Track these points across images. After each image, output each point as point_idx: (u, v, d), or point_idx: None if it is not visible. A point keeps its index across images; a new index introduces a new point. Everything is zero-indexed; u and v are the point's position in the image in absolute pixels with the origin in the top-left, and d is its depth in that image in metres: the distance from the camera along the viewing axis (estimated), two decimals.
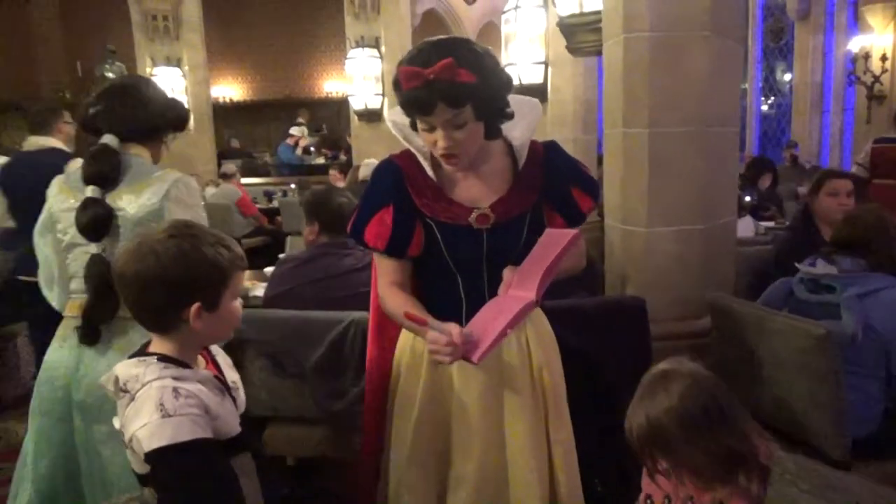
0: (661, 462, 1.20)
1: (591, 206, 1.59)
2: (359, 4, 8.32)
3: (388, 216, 1.46)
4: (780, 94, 11.16)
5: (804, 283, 2.15)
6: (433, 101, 1.30)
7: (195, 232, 1.22)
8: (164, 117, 1.83)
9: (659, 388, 1.19)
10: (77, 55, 12.71)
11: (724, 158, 2.59)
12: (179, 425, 1.11)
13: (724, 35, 2.47)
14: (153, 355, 1.21)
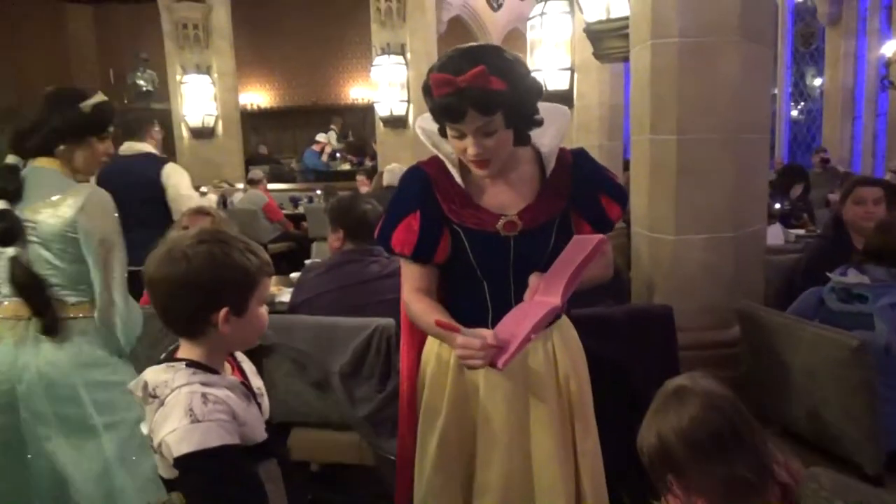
0: (672, 482, 1.17)
1: (619, 214, 1.58)
2: (385, 12, 8.38)
3: (416, 222, 1.46)
4: (811, 99, 10.98)
5: (835, 293, 2.11)
6: (464, 108, 1.31)
7: (224, 238, 1.23)
8: (57, 131, 1.90)
9: (671, 406, 1.17)
10: (110, 63, 12.98)
11: (754, 165, 2.55)
12: (208, 431, 1.12)
13: (754, 40, 2.44)
14: (182, 361, 1.22)
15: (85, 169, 2.01)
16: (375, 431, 2.16)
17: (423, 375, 1.61)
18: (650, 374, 2.18)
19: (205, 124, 9.21)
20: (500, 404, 1.50)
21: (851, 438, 1.85)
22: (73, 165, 1.95)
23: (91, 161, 2.01)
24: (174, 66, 9.11)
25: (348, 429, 2.27)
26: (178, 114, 9.24)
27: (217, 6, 9.01)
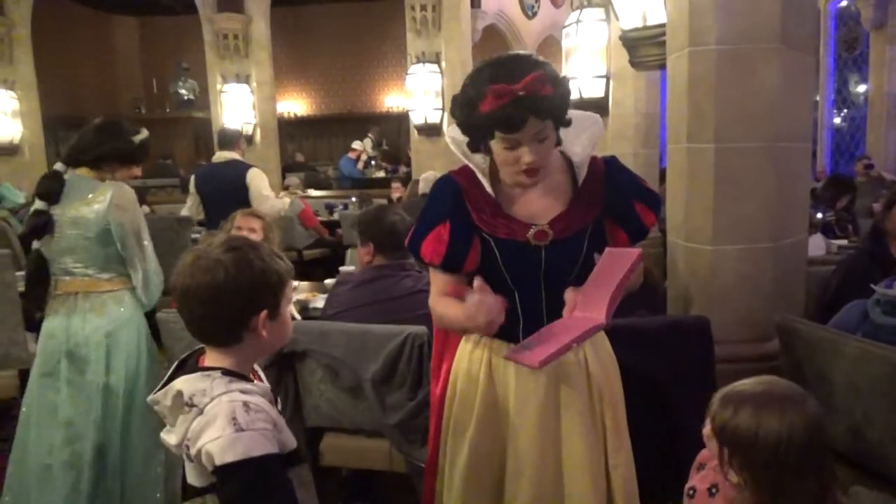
0: (733, 466, 1.22)
1: (653, 221, 1.57)
2: (420, 21, 8.44)
3: (446, 232, 1.47)
4: (854, 106, 10.69)
5: (880, 306, 2.05)
6: (524, 116, 1.31)
7: (250, 243, 1.26)
8: (108, 156, 2.37)
9: (776, 409, 1.20)
10: (153, 73, 13.33)
11: (795, 174, 2.50)
12: (252, 440, 1.12)
13: (795, 47, 2.39)
14: (216, 369, 1.21)
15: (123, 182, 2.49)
16: (406, 439, 2.16)
17: (452, 389, 1.61)
18: (686, 387, 2.15)
19: (243, 132, 9.37)
20: (532, 416, 1.49)
21: None
22: (115, 177, 2.41)
23: (129, 177, 2.48)
24: (214, 76, 9.31)
25: (380, 436, 2.28)
26: (218, 122, 9.42)
27: (256, 17, 9.19)
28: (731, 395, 1.26)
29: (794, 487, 1.17)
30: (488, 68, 1.36)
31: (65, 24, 11.70)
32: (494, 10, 10.60)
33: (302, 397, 2.37)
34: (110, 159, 2.38)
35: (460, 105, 1.39)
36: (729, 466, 1.24)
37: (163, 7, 12.14)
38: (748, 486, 1.21)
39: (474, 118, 1.36)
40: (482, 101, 1.32)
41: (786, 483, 1.17)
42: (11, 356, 3.08)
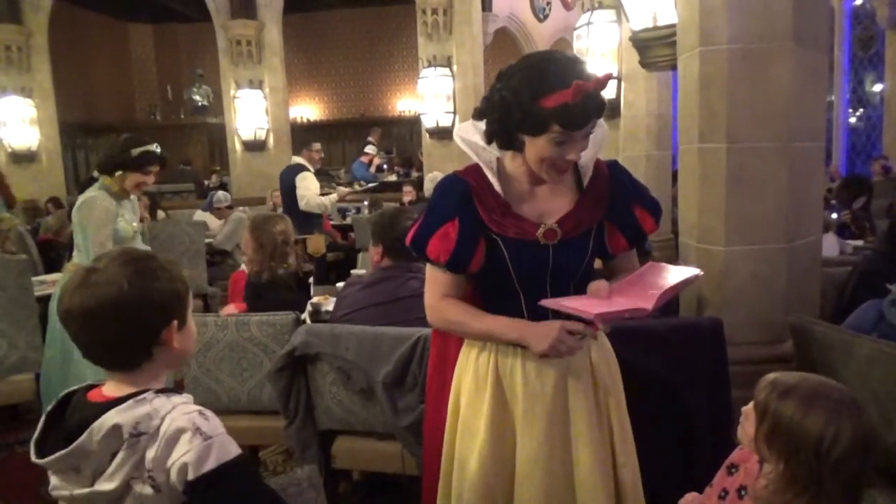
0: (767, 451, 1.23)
1: (652, 227, 1.57)
2: (432, 25, 8.47)
3: (454, 230, 1.45)
4: (870, 105, 10.57)
5: (895, 306, 2.02)
6: (591, 115, 1.35)
7: (139, 255, 1.18)
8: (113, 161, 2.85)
9: (828, 405, 1.19)
10: (168, 79, 13.47)
11: (809, 174, 2.47)
12: (222, 445, 1.09)
13: (808, 45, 2.37)
14: (145, 391, 1.12)
15: (131, 190, 2.92)
16: (417, 441, 2.15)
17: (457, 390, 1.60)
18: (700, 389, 2.13)
19: (257, 137, 9.45)
20: (540, 419, 1.49)
21: None
22: (122, 186, 2.87)
23: (135, 185, 2.90)
24: (228, 82, 9.40)
25: (392, 438, 2.28)
26: (232, 127, 9.51)
27: (269, 23, 9.27)
28: (783, 379, 1.26)
29: (828, 486, 1.16)
30: (547, 66, 1.36)
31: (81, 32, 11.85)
32: (506, 13, 10.60)
33: (314, 400, 2.37)
34: (116, 168, 2.84)
35: (513, 100, 1.37)
36: (766, 447, 1.23)
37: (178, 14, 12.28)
38: (784, 473, 1.20)
39: (534, 112, 1.34)
40: (547, 96, 1.32)
41: (823, 480, 1.16)
42: (29, 360, 3.12)
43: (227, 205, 6.75)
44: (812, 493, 1.17)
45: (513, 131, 1.41)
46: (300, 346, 2.27)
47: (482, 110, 1.45)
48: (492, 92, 1.43)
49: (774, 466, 1.22)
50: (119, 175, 2.84)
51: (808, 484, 1.17)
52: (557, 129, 1.34)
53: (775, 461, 1.21)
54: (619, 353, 1.68)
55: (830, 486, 1.16)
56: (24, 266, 3.18)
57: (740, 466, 1.44)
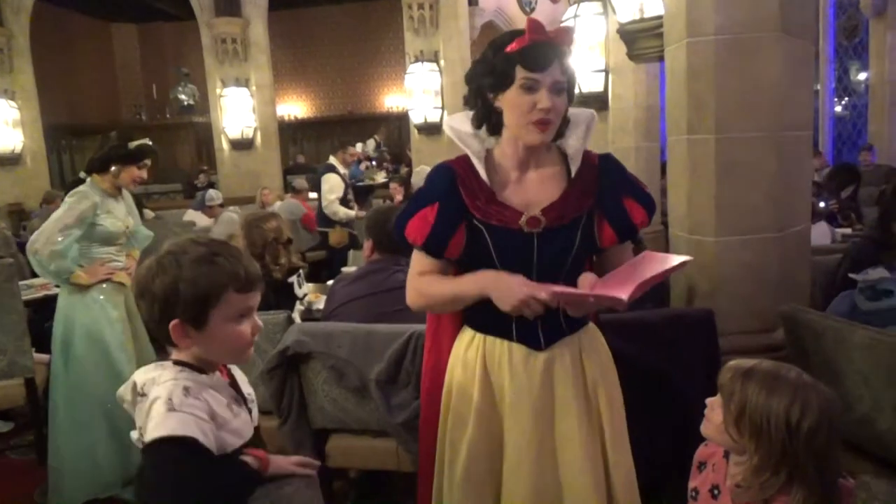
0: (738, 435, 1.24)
1: (643, 219, 1.55)
2: (418, 20, 8.44)
3: (432, 214, 1.47)
4: (855, 94, 10.64)
5: (863, 293, 2.06)
6: (552, 57, 1.38)
7: (186, 248, 1.21)
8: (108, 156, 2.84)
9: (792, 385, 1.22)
10: (153, 79, 13.37)
11: (798, 163, 2.48)
12: (181, 420, 1.12)
13: (794, 35, 2.37)
14: (170, 360, 1.23)
15: (125, 185, 2.91)
16: (412, 437, 2.15)
17: (449, 383, 1.60)
18: (693, 379, 2.14)
19: (244, 136, 9.40)
20: (527, 414, 1.49)
21: None
22: (117, 181, 2.86)
23: (129, 181, 2.88)
24: (214, 80, 9.33)
25: (387, 435, 2.28)
26: (219, 126, 9.45)
27: (254, 21, 9.21)
28: (741, 364, 1.28)
29: (802, 461, 1.18)
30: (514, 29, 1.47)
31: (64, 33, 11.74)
32: (492, 6, 10.59)
33: (307, 399, 2.36)
34: (111, 162, 2.82)
35: (484, 59, 1.46)
36: (737, 432, 1.24)
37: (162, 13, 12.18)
38: (757, 453, 1.22)
39: (499, 60, 1.41)
40: (511, 43, 1.40)
41: (797, 455, 1.18)
42: (18, 365, 3.09)
43: (218, 203, 6.72)
44: (788, 471, 1.18)
45: (489, 97, 1.45)
46: (293, 345, 2.25)
47: (466, 92, 1.52)
48: (468, 72, 1.52)
49: (747, 449, 1.23)
50: (114, 170, 2.82)
51: (783, 461, 1.19)
52: (522, 74, 1.39)
53: (746, 443, 1.23)
54: (612, 344, 1.68)
55: (805, 460, 1.17)
56: (10, 270, 3.15)
57: (707, 463, 1.44)
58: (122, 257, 2.92)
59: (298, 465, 1.34)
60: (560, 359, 1.51)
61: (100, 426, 2.72)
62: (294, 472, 1.31)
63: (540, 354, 1.51)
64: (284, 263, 2.90)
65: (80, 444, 2.72)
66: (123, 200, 2.96)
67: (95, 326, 2.76)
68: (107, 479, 2.72)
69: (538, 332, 1.51)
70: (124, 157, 2.82)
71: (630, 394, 1.69)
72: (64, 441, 2.74)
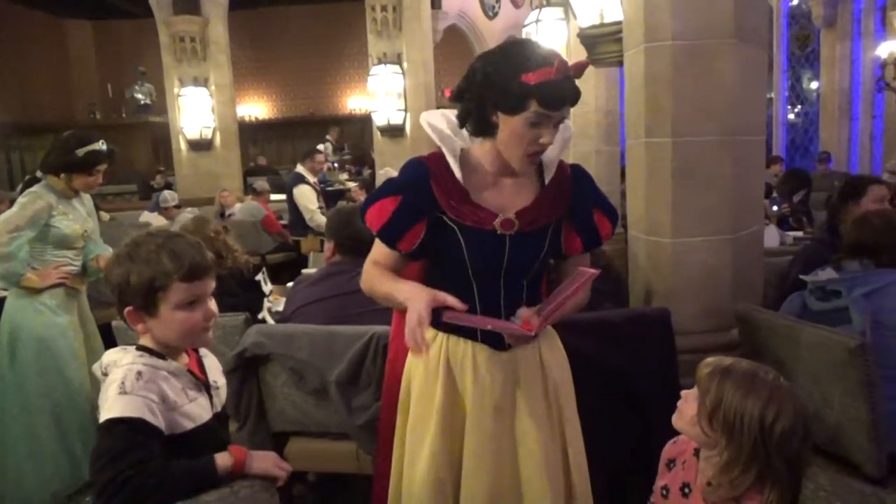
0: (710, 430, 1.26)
1: (609, 233, 1.60)
2: (381, 22, 8.41)
3: (392, 205, 1.47)
4: (808, 102, 10.98)
5: (813, 293, 2.12)
6: (569, 95, 1.37)
7: (140, 240, 1.33)
8: (51, 164, 2.71)
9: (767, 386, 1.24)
10: (108, 77, 13.04)
11: (752, 166, 2.54)
12: (130, 402, 1.21)
13: (749, 42, 2.43)
14: (135, 345, 1.34)
15: (82, 190, 2.80)
16: (373, 440, 2.13)
17: (407, 382, 1.59)
18: (650, 377, 2.17)
19: (203, 136, 9.22)
20: (489, 413, 1.49)
21: (852, 440, 1.83)
22: (72, 186, 2.74)
23: (84, 187, 2.77)
24: (172, 79, 9.13)
25: (346, 438, 2.26)
26: (177, 126, 9.26)
27: (214, 19, 9.04)
28: (721, 361, 1.30)
29: (774, 462, 1.20)
30: (530, 46, 1.40)
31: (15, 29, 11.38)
32: (455, 10, 10.63)
33: (266, 402, 2.33)
34: (59, 169, 2.69)
35: (498, 72, 1.36)
36: (709, 426, 1.26)
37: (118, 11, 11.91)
38: (728, 449, 1.24)
39: (513, 87, 1.35)
40: (530, 72, 1.33)
41: (769, 456, 1.20)
42: None
43: (174, 204, 6.57)
44: (759, 470, 1.20)
45: (489, 110, 1.41)
46: (251, 346, 2.22)
47: (462, 88, 1.44)
48: (472, 70, 1.42)
49: (718, 444, 1.25)
50: (64, 177, 2.70)
51: (754, 459, 1.21)
52: (535, 108, 1.35)
53: (718, 438, 1.24)
54: (571, 344, 1.70)
55: (776, 461, 1.19)
56: None
57: (677, 461, 1.46)
58: (78, 262, 2.81)
59: (277, 466, 1.37)
60: (523, 359, 1.53)
61: (48, 434, 2.63)
62: (273, 474, 1.34)
63: (503, 354, 1.52)
64: (238, 251, 2.89)
65: (26, 451, 2.63)
66: (83, 203, 2.84)
67: (46, 332, 2.66)
68: (54, 488, 2.63)
69: None
70: (72, 165, 2.68)
71: (589, 392, 1.71)
72: (10, 448, 2.64)
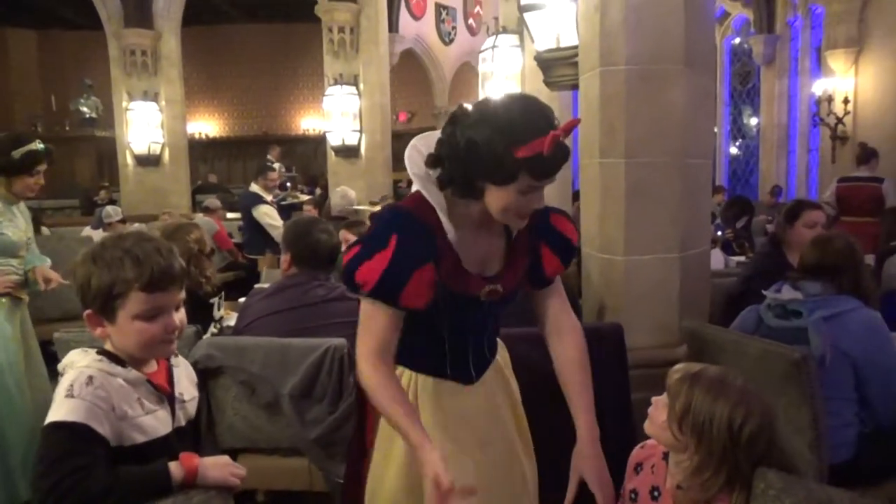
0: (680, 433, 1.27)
1: (556, 270, 1.48)
2: (338, 43, 8.43)
3: (429, 274, 1.31)
4: (748, 136, 11.48)
5: (772, 310, 2.17)
6: (561, 162, 1.25)
7: (108, 243, 1.29)
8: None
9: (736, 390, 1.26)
10: (52, 89, 12.67)
11: (699, 189, 2.64)
12: (77, 407, 1.16)
13: (697, 70, 2.54)
14: (97, 348, 1.29)
15: (21, 194, 2.69)
16: (326, 454, 2.10)
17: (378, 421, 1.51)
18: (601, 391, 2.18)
19: (151, 152, 9.02)
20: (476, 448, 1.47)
21: (796, 450, 1.89)
22: (12, 191, 2.64)
23: (24, 190, 2.66)
24: (120, 93, 8.94)
25: (298, 454, 2.21)
26: (123, 141, 9.05)
27: (167, 34, 8.92)
28: (691, 367, 1.33)
29: (742, 465, 1.22)
30: (518, 112, 1.25)
31: None
32: (412, 35, 10.76)
33: (215, 417, 2.26)
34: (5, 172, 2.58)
35: (484, 148, 1.24)
36: (679, 430, 1.28)
37: (64, 21, 11.62)
38: (698, 452, 1.25)
39: (506, 162, 1.23)
40: (521, 146, 1.22)
41: (737, 459, 1.22)
42: None
43: (118, 219, 6.38)
44: (727, 473, 1.23)
45: (476, 179, 1.29)
46: (202, 359, 2.16)
47: (441, 156, 1.30)
48: (453, 137, 1.28)
49: (688, 449, 1.27)
50: (3, 180, 2.60)
51: (723, 462, 1.23)
52: (528, 182, 1.26)
53: (688, 441, 1.27)
54: (523, 357, 1.71)
55: (744, 464, 1.22)
56: None
57: (644, 465, 1.49)
58: (21, 271, 2.68)
59: (232, 473, 1.30)
60: (488, 383, 1.52)
61: None
62: (228, 484, 1.28)
63: (469, 386, 1.50)
64: (211, 276, 2.75)
65: None
66: (21, 210, 2.74)
67: None
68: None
69: (470, 368, 1.49)
70: (9, 168, 2.58)
71: (540, 404, 1.72)
72: None
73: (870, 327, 2.04)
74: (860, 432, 2.03)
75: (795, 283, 2.12)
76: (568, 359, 1.53)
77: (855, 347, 1.99)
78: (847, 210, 5.54)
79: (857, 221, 5.25)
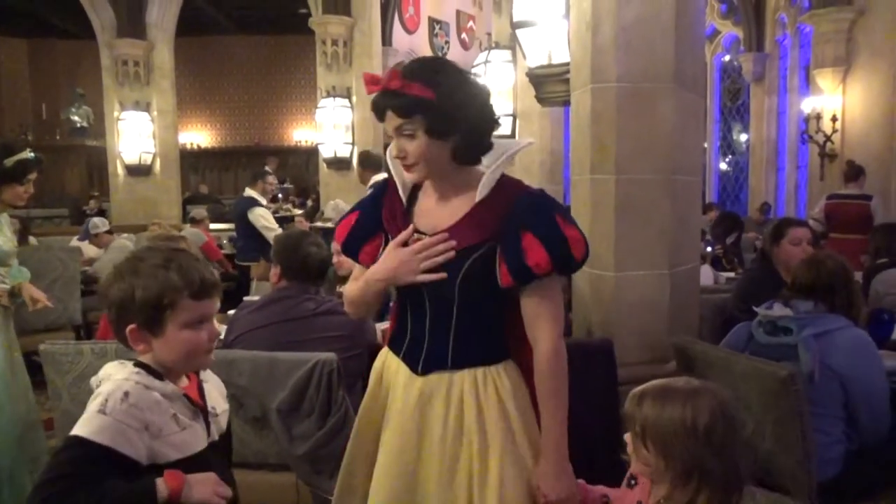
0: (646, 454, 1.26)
1: (541, 261, 1.36)
2: (332, 56, 8.46)
3: (353, 219, 1.60)
4: (738, 152, 11.58)
5: (763, 326, 2.19)
6: (383, 107, 1.39)
7: (143, 255, 1.26)
8: None
9: (680, 395, 1.26)
10: (43, 98, 12.63)
11: (688, 206, 2.65)
12: (105, 427, 1.13)
13: (687, 88, 2.57)
14: (133, 360, 1.25)
15: (11, 203, 2.67)
16: (314, 469, 2.08)
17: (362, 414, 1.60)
18: (593, 408, 2.20)
19: (142, 161, 8.99)
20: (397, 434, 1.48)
21: (784, 467, 1.89)
22: (1, 199, 2.62)
23: (14, 198, 2.64)
24: (112, 103, 8.92)
25: (286, 469, 2.19)
26: (114, 150, 9.01)
27: (160, 44, 8.91)
28: (637, 389, 1.33)
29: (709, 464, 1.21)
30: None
31: None
32: (405, 48, 10.78)
33: None
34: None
35: None
36: (645, 451, 1.27)
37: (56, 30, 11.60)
38: (668, 467, 1.24)
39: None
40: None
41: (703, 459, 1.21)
42: None
43: (105, 230, 6.32)
44: (698, 478, 1.21)
45: None
46: None
47: None
48: None
49: (658, 469, 1.26)
50: None
51: (692, 468, 1.22)
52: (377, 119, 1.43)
53: (656, 462, 1.26)
54: None
55: (710, 461, 1.21)
56: None
57: (639, 478, 1.48)
58: (9, 280, 2.68)
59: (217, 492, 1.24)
60: (437, 393, 1.43)
61: None
62: (210, 502, 1.23)
63: (417, 379, 1.45)
64: None
65: None
66: (7, 221, 2.74)
67: None
68: None
69: (420, 355, 1.46)
70: (2, 176, 2.57)
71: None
72: None
73: (858, 346, 2.06)
74: (847, 450, 2.04)
75: (787, 301, 2.14)
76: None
77: (843, 365, 2.00)
78: (836, 227, 5.59)
79: (846, 238, 5.30)
